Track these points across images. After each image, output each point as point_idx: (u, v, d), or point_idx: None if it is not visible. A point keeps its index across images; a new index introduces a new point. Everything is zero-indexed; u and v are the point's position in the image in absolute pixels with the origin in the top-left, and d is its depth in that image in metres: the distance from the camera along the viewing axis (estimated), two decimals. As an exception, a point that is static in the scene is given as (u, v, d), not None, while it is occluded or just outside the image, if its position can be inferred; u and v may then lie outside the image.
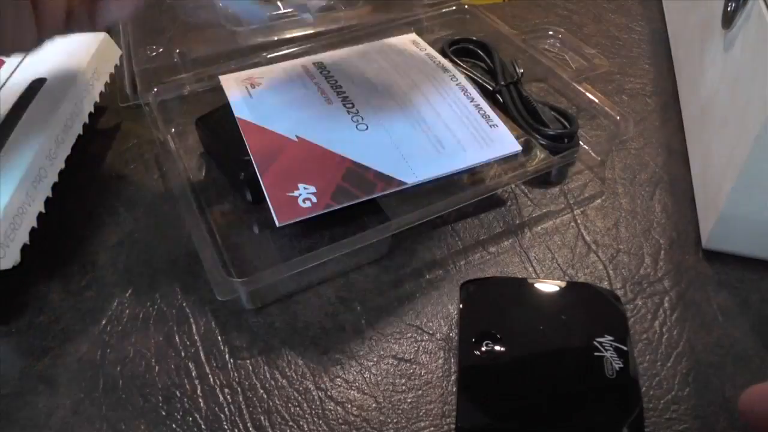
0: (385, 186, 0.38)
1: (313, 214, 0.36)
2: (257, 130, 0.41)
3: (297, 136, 0.40)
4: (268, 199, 0.36)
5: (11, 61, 0.45)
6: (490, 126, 0.42)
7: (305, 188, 0.37)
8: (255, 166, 0.38)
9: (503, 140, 0.41)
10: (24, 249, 0.36)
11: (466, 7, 0.56)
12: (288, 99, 0.44)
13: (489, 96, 0.47)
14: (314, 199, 0.36)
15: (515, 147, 0.41)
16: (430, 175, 0.39)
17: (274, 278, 0.34)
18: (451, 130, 0.41)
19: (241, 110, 0.42)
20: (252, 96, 0.44)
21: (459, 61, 0.50)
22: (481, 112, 0.43)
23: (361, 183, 0.38)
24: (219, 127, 0.43)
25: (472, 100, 0.44)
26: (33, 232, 0.37)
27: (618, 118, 0.44)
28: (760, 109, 0.33)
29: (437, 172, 0.39)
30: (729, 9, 0.39)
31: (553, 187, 0.44)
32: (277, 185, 0.37)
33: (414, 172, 0.39)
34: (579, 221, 0.41)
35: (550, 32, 0.55)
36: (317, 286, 0.38)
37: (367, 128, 0.41)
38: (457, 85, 0.45)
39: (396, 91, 0.44)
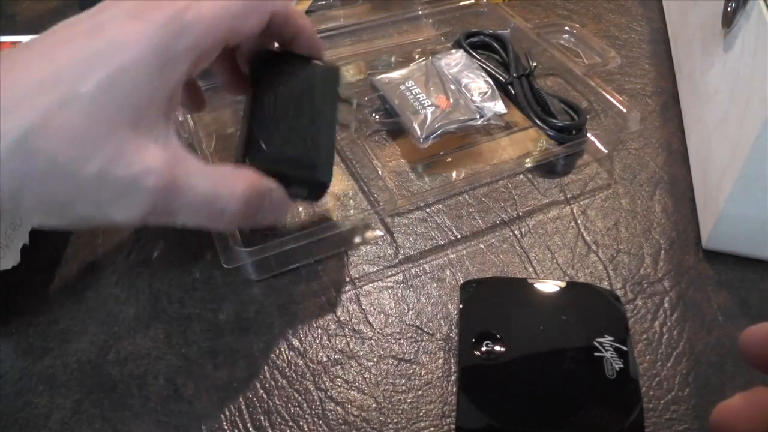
0: None
1: None
2: None
3: None
4: None
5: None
6: None
7: None
8: None
9: None
10: (24, 249, 0.36)
11: (484, 0, 0.57)
12: None
13: (501, 87, 0.48)
14: None
15: None
16: None
17: (278, 249, 0.35)
18: None
19: None
20: None
21: (474, 53, 0.51)
22: None
23: None
24: None
25: None
26: (33, 232, 0.37)
27: (625, 111, 0.44)
28: (760, 109, 0.33)
29: None
30: (729, 9, 0.39)
31: (556, 188, 0.44)
32: None
33: None
34: (579, 221, 0.41)
35: (566, 27, 0.56)
36: (318, 289, 0.38)
37: None
38: None
39: None
